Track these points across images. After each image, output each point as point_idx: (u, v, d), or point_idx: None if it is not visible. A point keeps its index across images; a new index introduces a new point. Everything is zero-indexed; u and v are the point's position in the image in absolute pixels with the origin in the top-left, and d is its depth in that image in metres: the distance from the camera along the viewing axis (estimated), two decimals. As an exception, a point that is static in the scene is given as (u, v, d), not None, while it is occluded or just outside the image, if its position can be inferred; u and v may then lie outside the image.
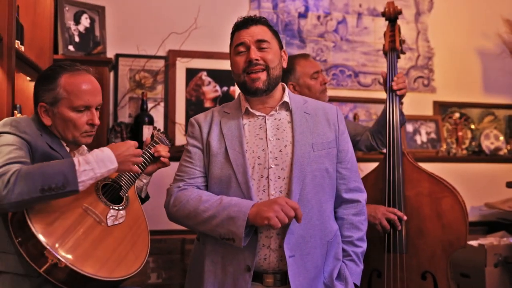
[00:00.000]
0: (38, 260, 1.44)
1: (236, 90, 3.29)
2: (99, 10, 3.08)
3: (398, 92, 2.37)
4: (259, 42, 1.74)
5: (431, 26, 3.64)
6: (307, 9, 3.43)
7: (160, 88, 3.19)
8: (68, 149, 1.70)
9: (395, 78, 2.39)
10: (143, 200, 1.94)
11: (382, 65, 3.52)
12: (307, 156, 1.71)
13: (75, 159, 1.49)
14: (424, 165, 2.37)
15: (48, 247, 1.42)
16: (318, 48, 3.44)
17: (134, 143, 1.66)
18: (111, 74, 3.14)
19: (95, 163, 1.50)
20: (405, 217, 2.22)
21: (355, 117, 3.41)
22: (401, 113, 2.47)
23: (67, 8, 2.95)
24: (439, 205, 2.26)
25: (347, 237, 1.80)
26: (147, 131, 2.99)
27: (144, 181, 1.92)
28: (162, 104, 3.17)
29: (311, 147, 1.73)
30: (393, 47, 2.46)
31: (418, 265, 2.23)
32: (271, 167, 1.71)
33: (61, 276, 1.45)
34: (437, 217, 2.25)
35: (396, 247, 2.22)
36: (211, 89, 3.26)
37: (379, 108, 3.52)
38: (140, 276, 2.90)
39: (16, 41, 2.53)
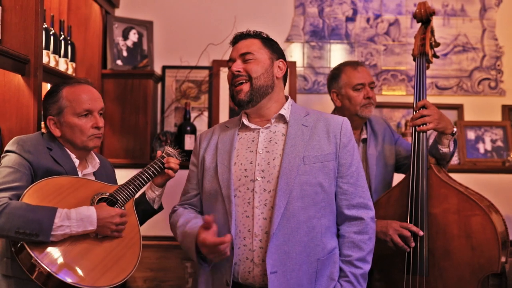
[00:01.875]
0: (29, 268, 1.57)
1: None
2: (147, 25, 3.26)
3: (418, 128, 2.12)
4: (244, 55, 1.77)
5: (499, 22, 3.28)
6: (355, 12, 3.29)
7: (204, 97, 3.27)
8: (77, 162, 1.83)
9: (414, 115, 2.15)
10: (156, 211, 2.02)
11: (440, 67, 3.26)
12: (295, 169, 1.66)
13: (60, 211, 1.59)
14: (488, 176, 2.11)
15: (34, 256, 1.54)
16: (368, 52, 3.28)
17: (121, 212, 1.72)
18: (159, 85, 3.29)
19: (74, 221, 1.60)
20: (421, 233, 2.03)
21: (407, 124, 3.19)
22: (453, 143, 2.19)
23: (116, 25, 3.16)
24: (468, 224, 2.04)
25: (346, 256, 1.71)
26: (188, 140, 3.09)
27: (156, 192, 1.99)
28: (206, 113, 3.26)
29: (301, 160, 1.67)
30: (423, 51, 2.27)
31: (442, 289, 2.03)
32: (257, 179, 1.69)
33: (49, 283, 1.56)
34: (466, 237, 2.03)
35: (416, 268, 2.05)
36: (254, 98, 3.26)
37: (435, 114, 3.25)
38: (179, 281, 3.00)
39: (65, 58, 2.78)
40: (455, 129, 2.16)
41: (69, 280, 1.54)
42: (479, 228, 2.01)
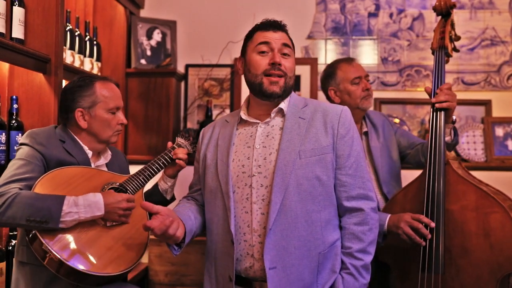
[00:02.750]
0: (41, 255, 1.64)
1: (301, 95, 3.25)
2: (171, 25, 3.32)
3: (437, 105, 2.10)
4: (284, 47, 1.72)
5: (530, 14, 3.16)
6: (378, 7, 3.25)
7: (226, 95, 3.30)
8: (90, 153, 1.90)
9: (437, 91, 2.14)
10: (168, 202, 2.07)
11: (466, 62, 3.17)
12: (291, 164, 1.64)
13: (68, 198, 1.65)
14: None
15: (45, 243, 1.61)
16: (391, 48, 3.23)
17: (128, 197, 1.76)
18: (182, 83, 3.35)
19: (82, 208, 1.66)
20: (432, 224, 1.98)
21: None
22: (455, 132, 2.21)
23: (140, 26, 3.23)
24: (486, 222, 1.97)
25: (346, 248, 1.69)
26: (210, 137, 3.12)
27: (169, 183, 2.04)
28: (227, 110, 3.29)
29: (297, 155, 1.66)
30: (442, 45, 2.21)
31: (459, 288, 1.97)
32: (254, 175, 1.68)
33: (59, 269, 1.62)
34: (484, 235, 1.97)
35: (432, 266, 2.00)
36: (275, 95, 3.27)
37: (461, 110, 3.17)
38: (199, 275, 3.04)
39: (90, 58, 2.87)
40: (454, 117, 2.18)
41: (78, 266, 1.59)
42: (498, 226, 1.94)
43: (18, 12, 2.13)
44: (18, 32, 2.13)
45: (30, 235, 1.65)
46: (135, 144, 3.16)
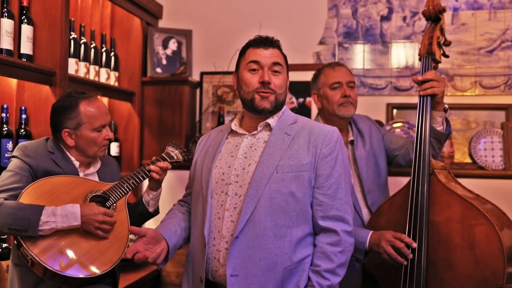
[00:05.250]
0: (25, 257, 1.78)
1: (312, 101, 3.25)
2: (187, 34, 3.43)
3: (421, 92, 2.08)
4: (274, 65, 1.76)
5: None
6: (390, 10, 3.19)
7: (238, 102, 3.37)
8: (77, 163, 2.02)
9: (417, 79, 2.11)
10: (152, 215, 2.14)
11: (485, 65, 3.04)
12: (266, 177, 1.68)
13: (47, 208, 1.77)
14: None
15: (25, 247, 1.74)
16: (404, 52, 3.15)
17: (104, 211, 1.85)
18: (198, 90, 3.46)
19: (60, 217, 1.77)
20: (414, 245, 1.94)
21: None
22: (447, 122, 2.16)
23: (156, 36, 3.37)
24: (472, 234, 1.90)
25: (315, 265, 1.69)
26: (221, 143, 3.20)
27: (150, 195, 2.11)
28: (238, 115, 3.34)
29: (275, 168, 1.69)
30: (430, 51, 2.16)
31: (442, 302, 1.92)
32: (231, 183, 1.74)
33: (40, 271, 1.75)
34: (469, 248, 1.90)
35: (413, 280, 1.95)
36: (287, 101, 3.29)
37: (479, 115, 3.05)
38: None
39: (106, 68, 3.04)
40: (446, 106, 2.14)
41: (54, 268, 1.71)
42: (483, 238, 1.87)
43: (26, 29, 2.31)
44: (26, 48, 2.32)
45: (16, 240, 1.80)
46: (150, 149, 3.30)
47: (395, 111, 3.15)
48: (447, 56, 2.24)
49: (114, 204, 1.96)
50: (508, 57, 3.03)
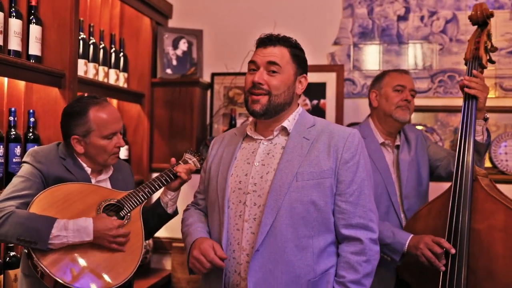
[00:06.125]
0: (35, 269, 1.70)
1: (326, 103, 3.17)
2: (197, 34, 3.34)
3: (465, 89, 2.07)
4: (269, 64, 1.68)
5: None
6: (408, 10, 3.09)
7: (250, 103, 3.28)
8: (89, 170, 1.94)
9: (466, 78, 2.10)
10: (171, 215, 2.06)
11: (505, 66, 2.95)
12: (286, 186, 1.60)
13: (59, 221, 1.68)
14: None
15: (35, 258, 1.66)
16: (422, 52, 3.06)
17: (119, 224, 1.77)
18: (209, 92, 3.37)
19: (71, 232, 1.68)
20: (452, 250, 1.88)
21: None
22: (487, 132, 2.13)
23: (166, 36, 3.28)
24: (516, 244, 1.83)
25: (340, 276, 1.62)
26: (233, 146, 3.12)
27: (169, 196, 2.03)
28: (251, 119, 3.25)
29: (294, 176, 1.61)
30: (476, 55, 2.11)
31: (484, 314, 1.85)
32: (249, 192, 1.66)
33: (50, 283, 1.67)
34: (512, 258, 1.82)
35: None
36: (300, 103, 3.19)
37: (500, 118, 2.95)
38: (221, 285, 3.03)
39: (115, 69, 2.95)
40: (487, 115, 2.12)
41: (64, 280, 1.63)
42: (526, 248, 1.80)
43: (35, 29, 2.23)
44: (35, 49, 2.23)
45: (26, 250, 1.71)
46: (160, 152, 3.21)
47: (413, 114, 3.05)
48: (493, 62, 2.20)
49: (129, 214, 1.87)
50: (529, 58, 2.93)
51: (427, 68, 3.06)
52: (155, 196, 2.20)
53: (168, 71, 3.27)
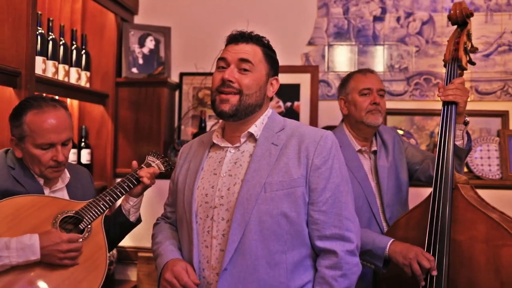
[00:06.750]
0: None
1: (300, 105, 3.06)
2: (165, 31, 3.16)
3: (442, 97, 1.96)
4: (241, 62, 1.55)
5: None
6: (384, 11, 3.02)
7: (221, 105, 3.12)
8: (42, 180, 1.73)
9: (443, 86, 2.00)
10: (134, 224, 1.89)
11: (481, 70, 2.93)
12: (253, 198, 1.46)
13: (1, 240, 1.48)
14: None
15: None
16: (398, 54, 3.00)
17: (69, 237, 1.57)
18: (177, 92, 3.19)
19: (15, 251, 1.49)
20: (434, 273, 1.79)
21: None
22: (468, 137, 2.03)
23: (132, 33, 3.08)
24: (497, 256, 1.76)
25: None
26: (204, 150, 2.96)
27: (131, 203, 1.85)
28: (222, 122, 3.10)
29: (262, 187, 1.47)
30: (456, 56, 2.02)
31: (463, 328, 1.77)
32: (216, 206, 1.52)
33: None
34: (494, 271, 1.76)
35: (432, 301, 1.79)
36: (273, 105, 3.08)
37: (475, 122, 2.92)
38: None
39: (76, 68, 2.73)
40: (467, 119, 2.02)
41: None
42: (509, 261, 1.72)
43: (-14, 23, 2.00)
44: (-14, 44, 2.00)
45: None
46: (125, 156, 3.01)
47: (389, 117, 2.99)
48: (473, 63, 2.12)
49: (89, 226, 1.68)
50: (504, 61, 2.92)
51: (403, 70, 3.00)
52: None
53: (134, 70, 3.07)
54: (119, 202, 1.86)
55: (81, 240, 1.62)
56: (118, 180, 3.01)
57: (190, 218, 1.54)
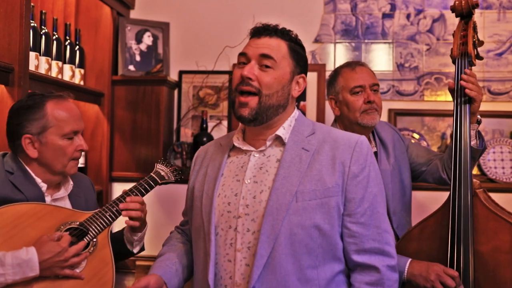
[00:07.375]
0: None
1: (306, 105, 2.93)
2: (163, 27, 3.00)
3: (466, 91, 1.80)
4: (262, 58, 1.41)
5: None
6: (393, 7, 2.90)
7: (223, 105, 2.98)
8: (44, 186, 1.59)
9: (464, 76, 1.82)
10: (134, 254, 1.72)
11: (493, 69, 2.82)
12: (284, 208, 1.33)
13: None
14: None
15: None
16: (408, 52, 2.88)
17: (68, 241, 1.45)
18: (176, 92, 3.04)
19: (10, 268, 1.35)
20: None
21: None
22: (480, 136, 1.89)
23: (129, 28, 2.92)
24: (525, 267, 1.65)
25: None
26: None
27: (135, 237, 1.68)
28: (225, 122, 2.97)
29: (293, 196, 1.34)
30: (465, 52, 1.88)
31: None
32: (240, 216, 1.38)
33: None
34: (522, 283, 1.64)
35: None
36: (278, 105, 2.95)
37: (488, 123, 2.82)
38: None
39: (70, 65, 2.56)
40: (479, 117, 1.89)
41: None
42: (540, 273, 1.62)
43: (-25, 15, 1.83)
44: (-25, 38, 1.83)
45: None
46: (122, 159, 2.85)
47: (398, 118, 2.87)
48: (481, 58, 1.98)
49: (95, 239, 1.53)
50: (517, 61, 2.83)
51: (413, 69, 2.88)
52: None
53: (131, 67, 2.91)
54: (121, 222, 1.69)
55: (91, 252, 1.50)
56: (115, 184, 2.84)
57: (208, 229, 1.40)
